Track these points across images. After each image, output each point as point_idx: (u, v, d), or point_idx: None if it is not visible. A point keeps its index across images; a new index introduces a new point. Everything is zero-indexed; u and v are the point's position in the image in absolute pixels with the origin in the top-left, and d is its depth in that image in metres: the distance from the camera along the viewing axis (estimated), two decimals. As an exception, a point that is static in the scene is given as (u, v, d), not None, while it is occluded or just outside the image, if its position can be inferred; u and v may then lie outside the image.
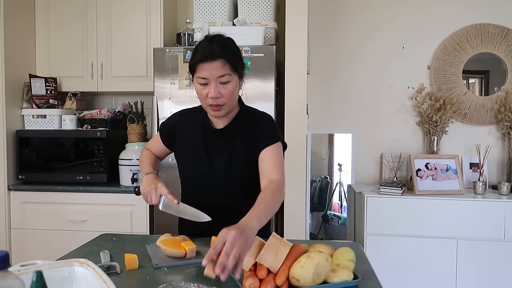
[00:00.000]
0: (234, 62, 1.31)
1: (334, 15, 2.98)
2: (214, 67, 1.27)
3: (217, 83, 1.28)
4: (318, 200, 2.99)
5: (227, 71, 1.28)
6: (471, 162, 2.83)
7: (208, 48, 1.28)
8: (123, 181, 2.62)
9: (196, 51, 1.31)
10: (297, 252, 1.02)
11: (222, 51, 1.28)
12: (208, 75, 1.28)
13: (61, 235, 2.59)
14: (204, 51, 1.29)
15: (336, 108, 3.00)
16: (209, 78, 1.28)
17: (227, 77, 1.29)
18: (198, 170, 1.43)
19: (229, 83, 1.30)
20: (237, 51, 1.36)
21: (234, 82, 1.32)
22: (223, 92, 1.29)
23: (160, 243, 1.26)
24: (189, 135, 1.47)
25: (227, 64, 1.28)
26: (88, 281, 0.87)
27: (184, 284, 0.98)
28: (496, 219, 2.43)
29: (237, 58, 1.34)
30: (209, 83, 1.29)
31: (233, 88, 1.32)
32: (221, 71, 1.27)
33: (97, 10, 2.77)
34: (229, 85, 1.30)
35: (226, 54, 1.29)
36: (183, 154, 1.49)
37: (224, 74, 1.28)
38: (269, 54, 2.35)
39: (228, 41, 1.35)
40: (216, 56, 1.27)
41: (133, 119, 2.73)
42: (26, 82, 2.76)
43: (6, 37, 2.58)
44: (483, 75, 2.93)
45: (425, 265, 2.48)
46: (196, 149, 1.44)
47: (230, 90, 1.30)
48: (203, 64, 1.27)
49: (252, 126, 1.41)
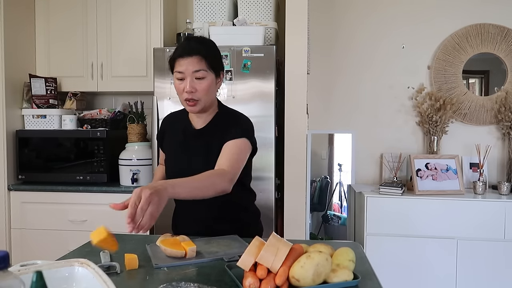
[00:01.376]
0: (211, 59, 1.35)
1: (334, 15, 2.98)
2: (190, 62, 1.32)
3: (192, 78, 1.34)
4: (318, 200, 2.99)
5: (203, 67, 1.33)
6: (471, 162, 2.83)
7: (187, 44, 1.35)
8: (123, 181, 2.62)
9: (176, 48, 1.38)
10: (297, 252, 1.02)
11: (199, 48, 1.34)
12: (184, 70, 1.33)
13: (61, 235, 2.59)
14: (183, 47, 1.35)
15: (336, 108, 3.00)
16: (185, 73, 1.34)
17: (202, 72, 1.33)
18: (179, 170, 1.46)
19: (204, 79, 1.34)
20: (215, 51, 1.41)
21: (210, 79, 1.36)
22: (198, 87, 1.34)
23: (160, 243, 1.26)
24: (173, 135, 1.53)
25: (203, 60, 1.33)
26: (88, 281, 0.87)
27: (184, 284, 0.98)
28: (496, 219, 2.43)
29: (214, 56, 1.39)
30: (185, 78, 1.34)
31: (208, 84, 1.36)
32: (196, 66, 1.32)
33: (97, 10, 2.77)
34: (204, 81, 1.35)
35: (203, 51, 1.34)
36: (168, 153, 1.55)
37: (199, 69, 1.33)
38: (269, 54, 2.35)
39: (207, 40, 1.42)
40: (193, 52, 1.32)
41: (133, 119, 2.73)
42: (26, 82, 2.76)
43: (6, 37, 2.58)
44: (483, 75, 2.93)
45: (425, 265, 2.48)
46: (178, 148, 1.49)
47: (205, 86, 1.35)
48: (181, 59, 1.33)
49: (226, 123, 1.44)
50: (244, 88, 2.35)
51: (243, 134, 1.39)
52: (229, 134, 1.38)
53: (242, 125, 1.43)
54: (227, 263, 1.15)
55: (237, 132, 1.38)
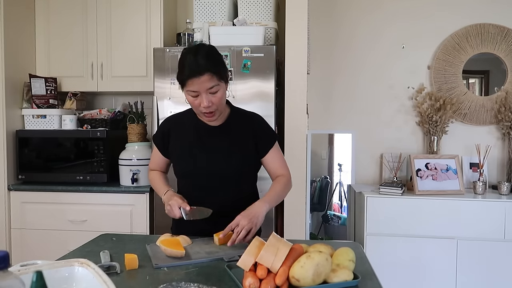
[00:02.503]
0: (219, 72, 1.39)
1: (334, 15, 2.98)
2: (203, 81, 1.35)
3: (207, 94, 1.38)
4: (318, 200, 2.99)
5: (215, 82, 1.37)
6: (471, 162, 2.83)
7: (194, 62, 1.36)
8: (123, 181, 2.62)
9: (183, 66, 1.39)
10: (297, 252, 1.02)
11: (207, 65, 1.36)
12: (198, 89, 1.37)
13: (61, 235, 2.59)
14: (190, 66, 1.36)
15: (336, 108, 3.00)
16: (200, 91, 1.37)
17: (215, 87, 1.38)
18: (197, 168, 1.50)
19: (218, 91, 1.40)
20: (221, 60, 1.44)
21: (222, 89, 1.42)
22: (213, 100, 1.39)
23: (160, 243, 1.27)
24: (183, 136, 1.54)
25: (214, 76, 1.37)
26: (88, 281, 0.87)
27: (184, 284, 0.98)
28: (496, 219, 2.43)
29: (222, 66, 1.43)
30: (200, 94, 1.38)
31: (222, 94, 1.42)
32: (209, 83, 1.36)
33: (97, 10, 2.77)
34: (218, 93, 1.40)
35: (212, 66, 1.37)
36: (179, 154, 1.55)
37: (213, 85, 1.37)
38: (269, 54, 2.35)
39: (211, 51, 1.43)
40: (203, 71, 1.34)
41: (133, 119, 2.73)
42: (26, 82, 2.76)
43: (6, 37, 2.58)
44: (483, 75, 2.93)
45: (425, 265, 2.48)
46: (193, 148, 1.51)
47: (219, 98, 1.41)
48: (193, 79, 1.36)
49: (248, 127, 1.54)
50: (244, 88, 2.35)
51: (273, 138, 1.58)
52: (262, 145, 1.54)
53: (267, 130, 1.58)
54: (227, 263, 1.15)
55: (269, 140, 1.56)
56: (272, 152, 1.55)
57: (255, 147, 1.52)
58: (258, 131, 1.55)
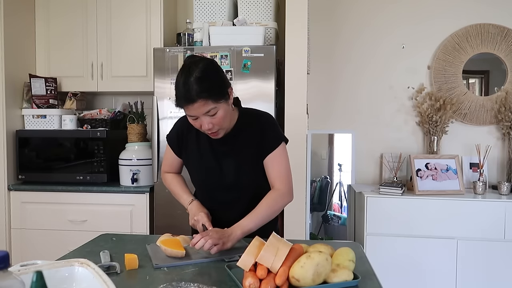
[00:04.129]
0: (215, 94, 1.30)
1: (334, 15, 2.98)
2: (197, 107, 1.28)
3: (206, 117, 1.32)
4: (318, 200, 2.99)
5: (211, 105, 1.29)
6: (471, 162, 2.82)
7: (186, 89, 1.27)
8: (123, 181, 2.62)
9: (178, 91, 1.31)
10: (297, 252, 1.02)
11: (199, 91, 1.26)
12: (195, 114, 1.31)
13: (61, 235, 2.59)
14: (183, 93, 1.29)
15: (336, 108, 3.00)
16: (197, 115, 1.31)
17: (213, 110, 1.30)
18: (209, 175, 1.47)
19: (217, 113, 1.32)
20: (215, 80, 1.33)
21: (222, 109, 1.33)
22: (214, 122, 1.33)
23: (160, 243, 1.27)
24: (196, 141, 1.50)
25: (209, 100, 1.28)
26: (88, 281, 0.87)
27: (184, 284, 0.98)
28: (496, 219, 2.43)
29: (216, 87, 1.32)
30: (199, 117, 1.32)
31: (223, 114, 1.34)
32: (205, 108, 1.29)
33: (97, 10, 2.77)
34: (217, 114, 1.32)
35: (204, 92, 1.27)
36: (193, 160, 1.51)
37: (209, 109, 1.30)
38: (269, 54, 2.35)
39: (205, 72, 1.30)
40: (196, 97, 1.26)
41: (133, 119, 2.73)
42: (26, 82, 2.76)
43: (6, 37, 2.58)
44: (483, 75, 2.93)
45: (425, 265, 2.48)
46: (204, 155, 1.47)
47: (220, 118, 1.33)
48: (187, 106, 1.30)
49: (256, 127, 1.46)
50: (244, 88, 2.35)
51: (279, 138, 1.46)
52: (266, 144, 1.43)
53: (273, 130, 1.47)
54: (227, 263, 1.15)
55: (274, 139, 1.45)
56: (273, 156, 1.44)
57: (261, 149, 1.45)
58: (263, 130, 1.45)
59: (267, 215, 1.38)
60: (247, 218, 1.34)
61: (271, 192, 1.41)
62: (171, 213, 2.38)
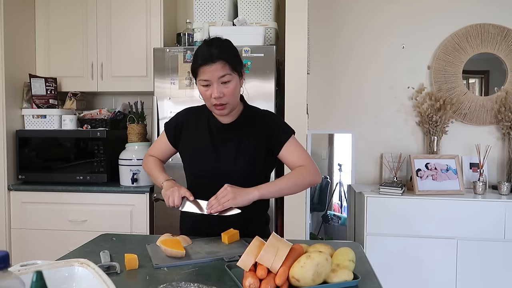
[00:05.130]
0: (233, 62, 1.37)
1: (334, 15, 2.98)
2: (215, 69, 1.33)
3: (219, 84, 1.35)
4: (318, 200, 2.99)
5: (227, 71, 1.35)
6: (471, 162, 2.83)
7: (208, 51, 1.35)
8: (123, 181, 2.62)
9: (197, 56, 1.38)
10: (297, 252, 1.02)
11: (221, 53, 1.34)
12: (210, 77, 1.34)
13: (61, 235, 2.59)
14: (204, 55, 1.35)
15: (336, 108, 3.00)
16: (211, 80, 1.35)
17: (227, 77, 1.35)
18: (204, 161, 1.47)
19: (230, 82, 1.36)
20: (235, 52, 1.42)
21: (235, 81, 1.38)
22: (225, 91, 1.36)
23: (160, 243, 1.27)
24: (195, 131, 1.52)
25: (227, 65, 1.34)
26: (88, 281, 0.87)
27: (184, 284, 0.98)
28: (496, 219, 2.43)
29: (235, 58, 1.40)
30: (211, 84, 1.35)
31: (234, 87, 1.38)
32: (221, 72, 1.34)
33: (97, 10, 2.77)
34: (230, 84, 1.36)
35: (225, 55, 1.35)
36: (190, 148, 1.52)
37: (224, 74, 1.34)
38: (269, 54, 2.35)
39: (226, 42, 1.41)
40: (215, 59, 1.33)
41: (133, 119, 2.73)
42: (26, 82, 2.76)
43: (6, 37, 2.58)
44: (483, 75, 2.93)
45: (425, 265, 2.48)
46: (202, 141, 1.49)
47: (231, 89, 1.37)
48: (204, 67, 1.34)
49: (261, 125, 1.47)
50: (245, 86, 2.35)
51: (289, 131, 1.48)
52: (279, 138, 1.46)
53: (280, 125, 1.50)
54: (227, 263, 1.15)
55: (285, 132, 1.47)
56: (288, 146, 1.45)
57: (268, 146, 1.46)
58: (270, 128, 1.47)
59: (287, 186, 1.40)
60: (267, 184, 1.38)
61: (299, 168, 1.42)
62: (171, 213, 2.37)
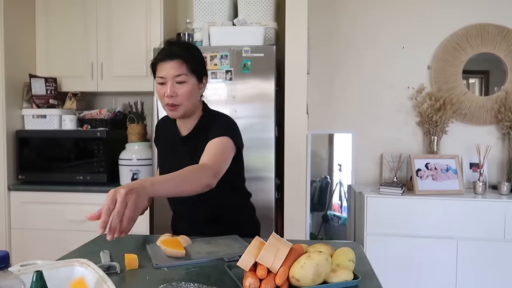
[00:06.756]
0: (192, 63, 1.34)
1: (334, 15, 2.98)
2: (171, 66, 1.31)
3: (173, 83, 1.32)
4: (318, 200, 2.99)
5: (184, 71, 1.32)
6: (471, 162, 2.82)
7: (168, 48, 1.34)
8: (123, 181, 2.62)
9: (158, 53, 1.37)
10: (297, 252, 1.02)
11: (180, 52, 1.33)
12: (165, 74, 1.32)
13: (61, 235, 2.59)
14: (164, 51, 1.34)
15: (336, 108, 3.00)
16: (166, 77, 1.33)
17: (183, 77, 1.32)
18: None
19: (185, 83, 1.33)
20: (197, 56, 1.39)
21: (191, 83, 1.35)
22: (179, 91, 1.33)
23: (160, 243, 1.27)
24: (165, 141, 1.54)
25: (184, 65, 1.32)
26: (88, 281, 0.87)
27: (184, 284, 0.98)
28: (496, 219, 2.43)
29: (197, 61, 1.37)
30: (166, 82, 1.33)
31: (190, 89, 1.34)
32: (177, 71, 1.31)
33: (97, 10, 2.77)
34: (185, 85, 1.33)
35: (185, 55, 1.33)
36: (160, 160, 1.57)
37: (180, 73, 1.32)
38: (269, 54, 2.35)
39: (191, 45, 1.40)
40: (174, 56, 1.31)
41: (133, 119, 2.73)
42: (26, 82, 2.76)
43: (6, 37, 2.58)
44: (483, 75, 2.93)
45: (425, 265, 2.48)
46: (168, 154, 1.51)
47: (186, 90, 1.33)
48: (162, 64, 1.33)
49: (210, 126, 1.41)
50: (244, 88, 2.35)
51: (225, 132, 1.35)
52: (211, 134, 1.35)
53: (224, 125, 1.41)
54: (227, 263, 1.15)
55: (219, 131, 1.35)
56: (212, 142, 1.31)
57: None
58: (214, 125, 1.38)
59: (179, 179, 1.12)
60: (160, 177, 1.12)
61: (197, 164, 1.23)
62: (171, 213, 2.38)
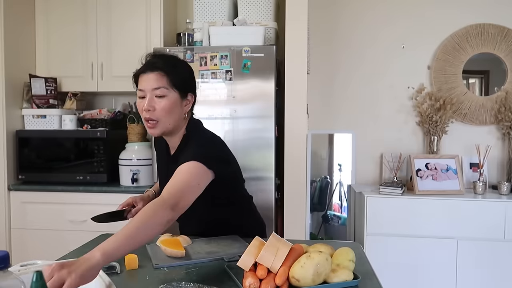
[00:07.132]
0: (174, 77, 1.25)
1: (334, 15, 2.98)
2: (150, 78, 1.23)
3: (152, 96, 1.24)
4: (318, 200, 2.99)
5: (164, 84, 1.23)
6: (471, 162, 2.82)
7: (149, 60, 1.28)
8: (123, 181, 2.62)
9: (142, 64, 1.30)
10: (297, 252, 1.02)
11: (162, 64, 1.24)
12: (144, 87, 1.24)
13: (61, 235, 2.59)
14: (146, 63, 1.27)
15: (336, 108, 3.00)
16: (145, 90, 1.24)
17: (162, 90, 1.23)
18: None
19: (164, 97, 1.24)
20: (182, 70, 1.30)
21: (171, 98, 1.24)
22: (157, 106, 1.23)
23: (160, 243, 1.27)
24: (159, 156, 1.54)
25: (165, 77, 1.23)
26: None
27: (184, 284, 0.98)
28: (496, 219, 2.43)
29: (179, 75, 1.27)
30: (146, 95, 1.24)
31: (169, 104, 1.24)
32: (156, 83, 1.23)
33: (97, 10, 2.77)
34: (164, 100, 1.23)
35: (166, 67, 1.24)
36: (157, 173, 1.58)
37: (159, 86, 1.23)
38: (269, 54, 2.35)
39: (176, 59, 1.31)
40: (154, 68, 1.24)
41: (133, 119, 2.73)
42: (26, 82, 2.76)
43: (6, 37, 2.58)
44: (483, 75, 2.93)
45: (425, 265, 2.48)
46: (162, 171, 1.50)
47: (164, 105, 1.23)
48: (142, 75, 1.26)
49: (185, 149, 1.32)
50: (244, 88, 2.35)
51: (195, 157, 1.20)
52: (182, 158, 1.23)
53: (199, 148, 1.26)
54: (227, 263, 1.15)
55: (189, 155, 1.21)
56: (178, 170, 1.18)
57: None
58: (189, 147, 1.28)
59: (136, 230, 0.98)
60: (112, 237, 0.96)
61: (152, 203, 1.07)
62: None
